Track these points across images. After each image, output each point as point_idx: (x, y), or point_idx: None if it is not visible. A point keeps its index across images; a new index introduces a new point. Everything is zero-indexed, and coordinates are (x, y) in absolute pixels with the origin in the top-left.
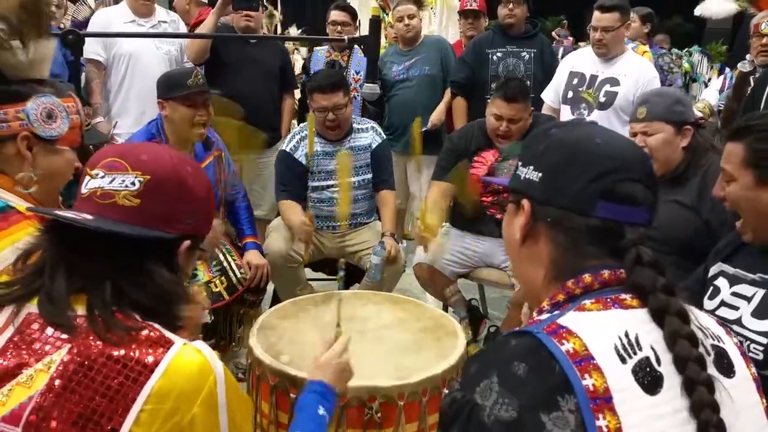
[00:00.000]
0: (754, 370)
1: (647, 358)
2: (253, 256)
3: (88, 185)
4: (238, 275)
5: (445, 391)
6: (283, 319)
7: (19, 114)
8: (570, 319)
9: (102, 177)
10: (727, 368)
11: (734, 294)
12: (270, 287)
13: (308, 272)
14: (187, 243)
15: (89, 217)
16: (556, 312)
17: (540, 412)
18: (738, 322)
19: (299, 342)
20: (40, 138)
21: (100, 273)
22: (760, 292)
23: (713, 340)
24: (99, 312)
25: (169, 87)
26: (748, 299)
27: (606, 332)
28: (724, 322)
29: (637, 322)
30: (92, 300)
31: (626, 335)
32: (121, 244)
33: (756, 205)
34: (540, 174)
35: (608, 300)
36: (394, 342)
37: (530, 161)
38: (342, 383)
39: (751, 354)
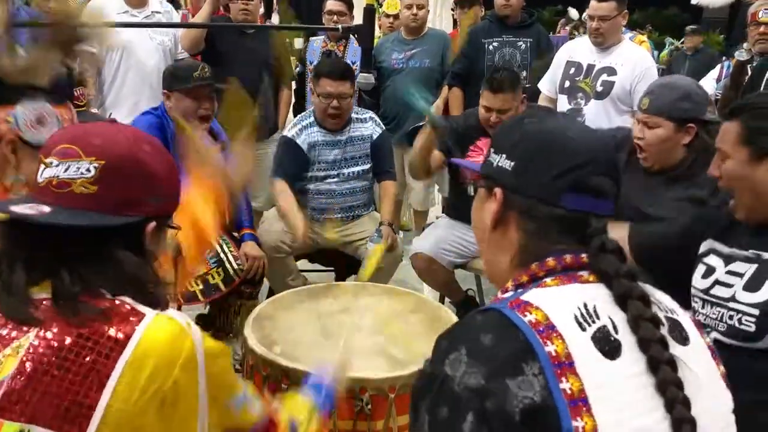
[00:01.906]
0: (708, 339)
1: (605, 327)
2: (250, 248)
3: (43, 174)
4: (235, 267)
5: None
6: (280, 309)
7: (7, 117)
8: (532, 294)
9: (56, 165)
10: (681, 337)
11: (729, 272)
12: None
13: (305, 263)
14: (152, 225)
15: (46, 209)
16: (519, 290)
17: (505, 377)
18: (732, 298)
19: (294, 333)
20: (27, 143)
21: (62, 264)
22: (753, 267)
23: (667, 312)
24: (64, 294)
25: (175, 79)
26: (741, 275)
27: (566, 304)
28: (718, 300)
29: (594, 295)
30: (56, 285)
31: (585, 306)
32: (81, 234)
33: (750, 182)
34: (512, 163)
35: (566, 276)
36: (390, 334)
37: (503, 149)
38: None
39: (743, 326)
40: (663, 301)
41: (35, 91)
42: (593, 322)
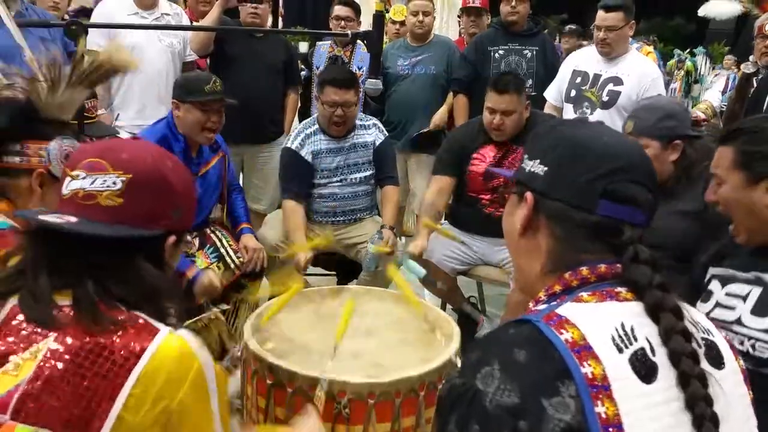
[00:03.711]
0: (742, 362)
1: (643, 349)
2: (249, 240)
3: (69, 186)
4: (235, 260)
5: (422, 393)
6: (283, 307)
7: (40, 151)
8: (568, 309)
9: (83, 178)
10: (716, 360)
11: (728, 294)
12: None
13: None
14: (172, 239)
15: (73, 219)
16: (553, 302)
17: (541, 397)
18: (738, 322)
19: (290, 332)
20: (53, 176)
21: (85, 273)
22: (757, 290)
23: (704, 333)
24: (85, 303)
25: (187, 90)
26: (744, 298)
27: (603, 323)
28: (721, 323)
29: (631, 315)
30: (78, 292)
31: (622, 326)
32: (105, 244)
33: (747, 205)
34: (545, 168)
35: (604, 292)
36: (384, 340)
37: (536, 155)
38: None
39: (757, 353)
40: (700, 322)
41: (65, 127)
42: (630, 344)
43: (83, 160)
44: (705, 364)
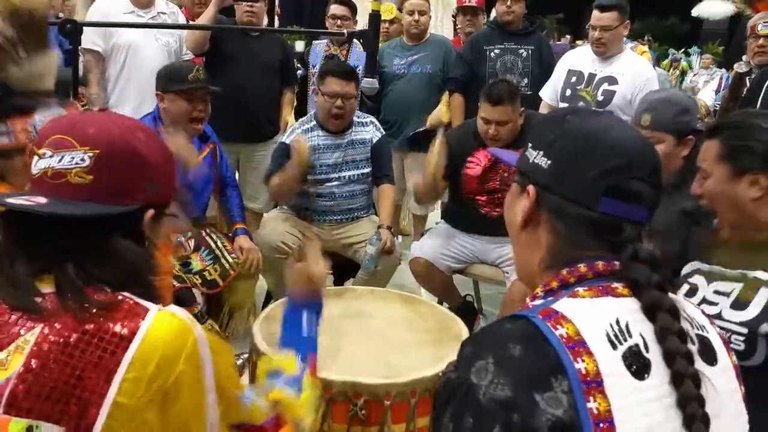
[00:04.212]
0: (734, 358)
1: (636, 345)
2: (243, 241)
3: (37, 165)
4: (230, 260)
5: None
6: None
7: (27, 127)
8: (564, 304)
9: (50, 156)
10: (710, 357)
11: (716, 292)
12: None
13: None
14: (150, 212)
15: (43, 200)
16: (550, 298)
17: (534, 391)
18: (718, 316)
19: None
20: None
21: (63, 255)
22: (739, 286)
23: (698, 329)
24: (68, 289)
25: (170, 80)
26: (728, 295)
27: (598, 319)
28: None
29: (627, 311)
30: (59, 278)
31: (617, 322)
32: (79, 224)
33: (731, 198)
34: (549, 161)
35: (600, 287)
36: (394, 340)
37: (540, 146)
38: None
39: (732, 345)
40: (695, 318)
41: (45, 95)
42: (624, 340)
43: (49, 137)
44: (698, 362)
